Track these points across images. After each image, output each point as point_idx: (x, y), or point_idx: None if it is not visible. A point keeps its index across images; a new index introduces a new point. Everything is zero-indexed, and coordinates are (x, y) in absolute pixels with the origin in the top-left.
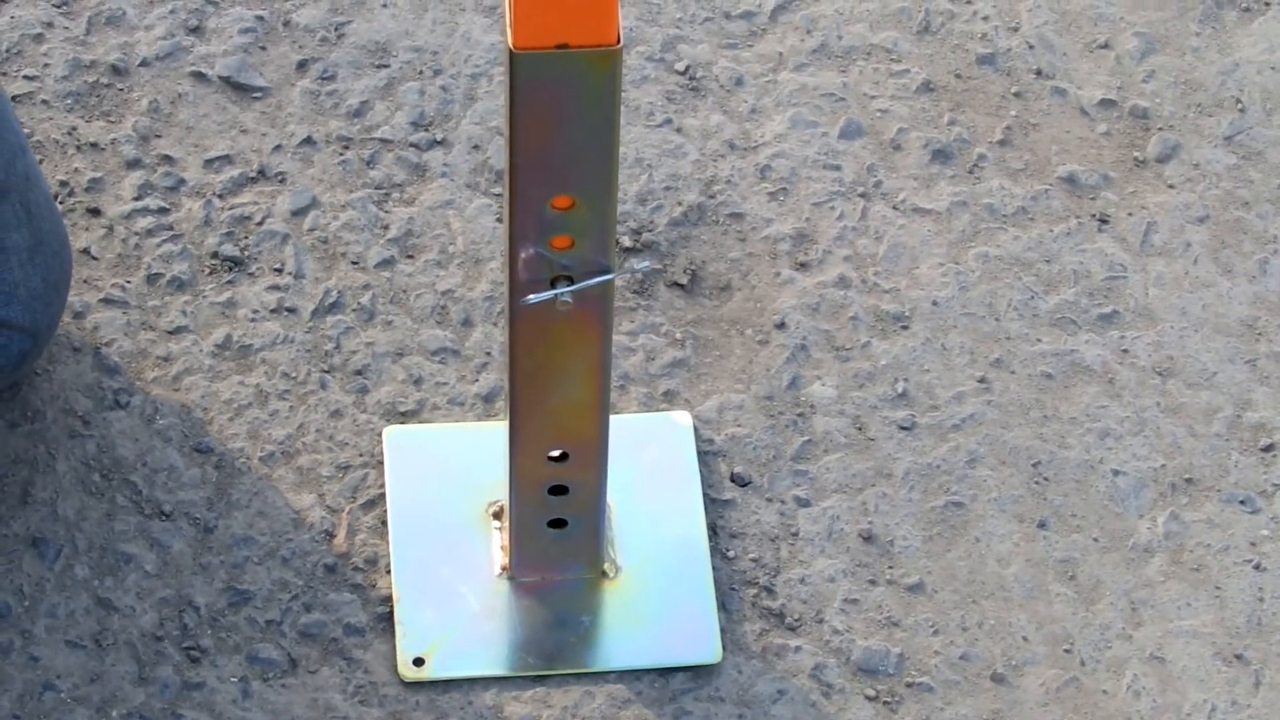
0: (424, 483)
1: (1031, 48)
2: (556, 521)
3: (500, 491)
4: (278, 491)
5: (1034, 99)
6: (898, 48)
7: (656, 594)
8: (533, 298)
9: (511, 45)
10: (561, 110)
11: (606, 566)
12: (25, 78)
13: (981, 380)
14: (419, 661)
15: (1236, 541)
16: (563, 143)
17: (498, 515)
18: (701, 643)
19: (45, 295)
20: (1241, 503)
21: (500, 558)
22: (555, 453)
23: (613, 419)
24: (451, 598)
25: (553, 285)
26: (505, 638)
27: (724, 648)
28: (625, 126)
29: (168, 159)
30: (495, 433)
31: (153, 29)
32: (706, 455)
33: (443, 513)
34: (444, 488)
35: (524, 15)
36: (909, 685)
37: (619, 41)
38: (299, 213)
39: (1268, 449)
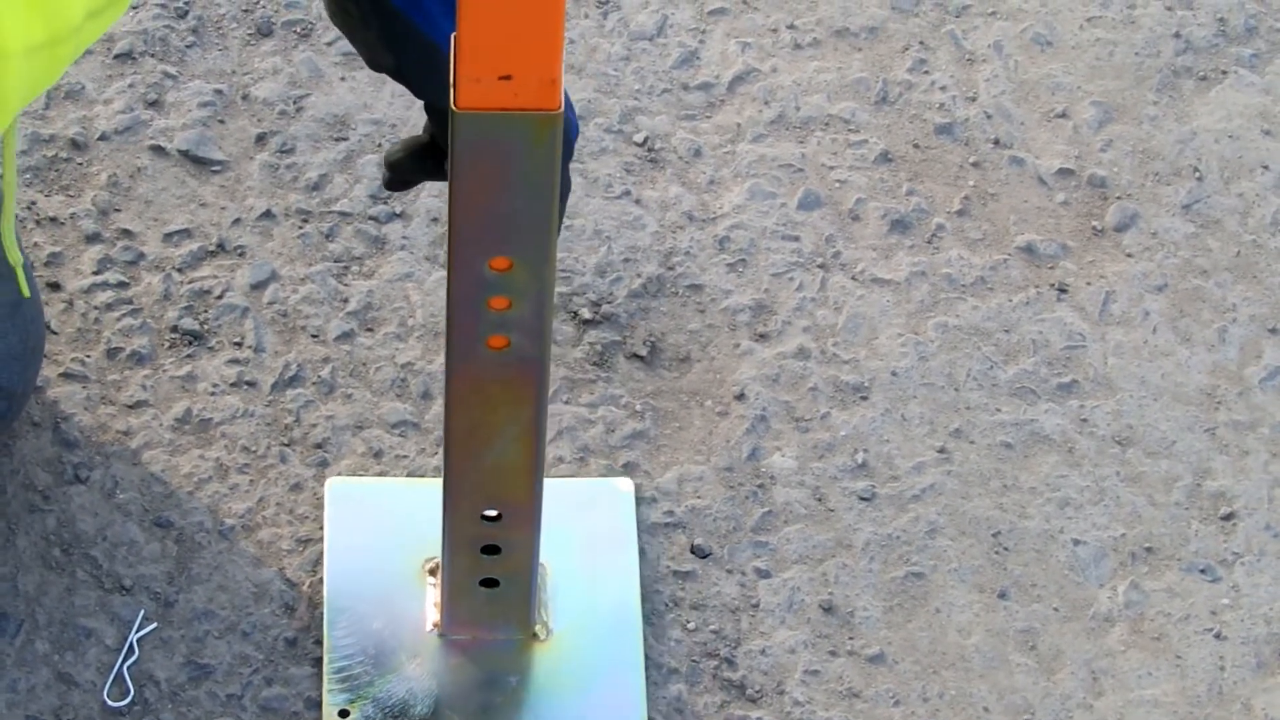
0: (364, 535)
1: (989, 117)
2: (488, 581)
3: (439, 549)
4: (238, 565)
5: (992, 169)
6: (855, 118)
7: (585, 659)
8: None
9: (454, 105)
10: (501, 172)
11: (538, 628)
12: None
13: (941, 450)
14: (344, 714)
15: (1197, 610)
16: (502, 205)
17: (434, 572)
18: (626, 711)
19: (22, 358)
20: (1202, 571)
21: (433, 614)
22: (489, 512)
23: (555, 482)
24: (381, 651)
25: (490, 346)
26: (432, 694)
27: None
28: (584, 198)
29: (127, 233)
30: (439, 489)
31: (111, 103)
32: (667, 527)
33: (380, 566)
34: (384, 541)
35: (468, 76)
36: None
37: (560, 107)
38: (258, 286)
39: (1227, 518)
